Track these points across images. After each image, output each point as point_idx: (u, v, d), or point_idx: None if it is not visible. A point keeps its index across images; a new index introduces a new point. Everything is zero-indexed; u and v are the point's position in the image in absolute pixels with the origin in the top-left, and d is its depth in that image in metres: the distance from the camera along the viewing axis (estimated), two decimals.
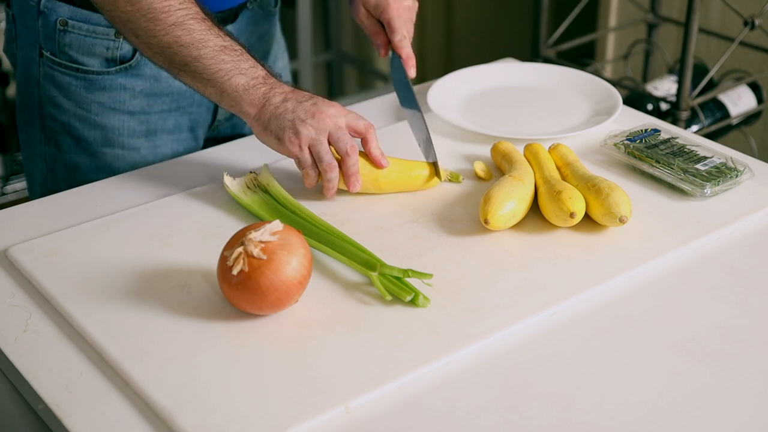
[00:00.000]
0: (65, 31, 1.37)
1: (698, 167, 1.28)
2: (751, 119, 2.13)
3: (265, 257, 1.01)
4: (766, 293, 1.10)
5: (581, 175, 1.24)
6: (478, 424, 0.92)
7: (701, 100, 1.95)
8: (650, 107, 2.02)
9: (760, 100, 2.10)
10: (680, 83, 1.88)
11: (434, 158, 1.29)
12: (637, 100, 2.02)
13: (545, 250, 1.16)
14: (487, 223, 1.17)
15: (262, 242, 1.01)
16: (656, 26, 2.36)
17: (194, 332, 1.02)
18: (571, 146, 1.35)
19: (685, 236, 1.18)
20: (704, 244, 1.18)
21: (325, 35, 3.47)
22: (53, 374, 0.98)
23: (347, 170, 1.22)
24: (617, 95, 1.48)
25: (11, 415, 1.08)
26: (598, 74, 1.94)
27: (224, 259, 1.03)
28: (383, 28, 1.40)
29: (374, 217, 1.23)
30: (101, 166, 1.45)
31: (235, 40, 1.25)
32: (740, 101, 2.07)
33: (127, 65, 1.39)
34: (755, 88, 2.10)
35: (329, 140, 1.21)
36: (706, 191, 1.25)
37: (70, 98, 1.41)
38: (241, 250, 1.01)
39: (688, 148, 1.33)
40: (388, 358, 0.99)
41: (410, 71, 1.39)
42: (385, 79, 3.36)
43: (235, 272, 1.01)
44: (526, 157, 1.30)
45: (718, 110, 2.05)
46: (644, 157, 1.31)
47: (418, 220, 1.22)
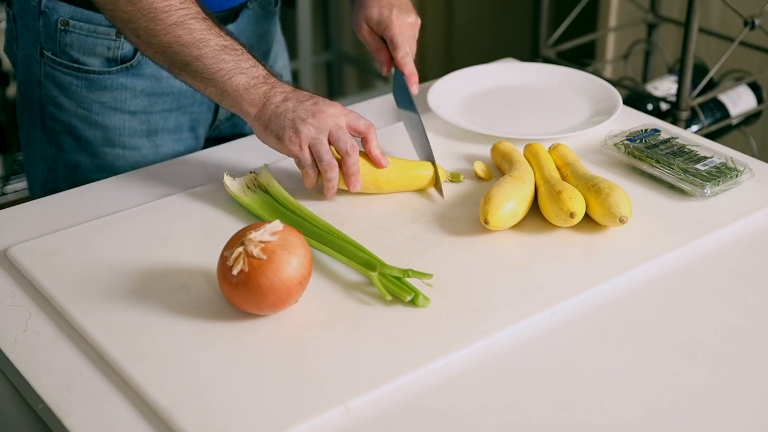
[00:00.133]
0: (66, 30, 1.37)
1: (698, 167, 1.28)
2: (751, 119, 2.13)
3: (265, 257, 1.01)
4: (766, 293, 1.10)
5: (581, 175, 1.24)
6: (478, 424, 0.92)
7: (701, 100, 1.95)
8: (650, 107, 2.02)
9: (760, 100, 2.10)
10: (680, 83, 1.88)
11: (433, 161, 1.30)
12: (637, 100, 2.02)
13: (545, 250, 1.16)
14: (487, 223, 1.17)
15: (262, 242, 1.01)
16: (656, 26, 2.36)
17: (194, 332, 1.02)
18: (571, 146, 1.35)
19: (685, 236, 1.18)
20: (704, 244, 1.18)
21: (325, 35, 3.47)
22: (53, 374, 0.98)
23: (347, 170, 1.22)
24: (617, 95, 1.48)
25: (11, 415, 1.08)
26: (598, 74, 1.94)
27: (224, 259, 1.03)
28: (386, 44, 1.41)
29: (374, 217, 1.23)
30: (102, 165, 1.45)
31: (235, 39, 1.25)
32: (740, 101, 2.07)
33: (128, 65, 1.39)
34: (755, 88, 2.10)
35: (329, 140, 1.21)
36: (706, 191, 1.25)
37: (71, 98, 1.41)
38: (241, 250, 1.01)
39: (688, 148, 1.33)
40: (388, 358, 0.99)
41: (413, 88, 1.40)
42: (385, 79, 3.36)
43: (235, 272, 1.01)
44: (526, 157, 1.30)
45: (718, 110, 2.05)
46: (644, 157, 1.31)
47: (418, 220, 1.22)
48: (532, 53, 2.16)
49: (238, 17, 1.44)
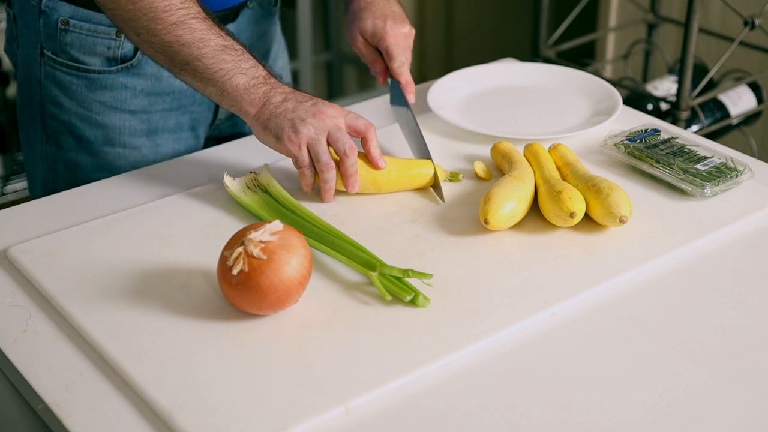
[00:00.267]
0: (66, 30, 1.37)
1: (698, 167, 1.28)
2: (751, 119, 2.13)
3: (265, 257, 1.01)
4: (766, 293, 1.10)
5: (581, 175, 1.24)
6: (478, 424, 0.92)
7: (701, 100, 1.95)
8: (650, 107, 2.02)
9: (760, 100, 2.10)
10: (680, 83, 1.88)
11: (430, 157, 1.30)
12: (637, 100, 2.02)
13: (545, 250, 1.16)
14: (487, 223, 1.17)
15: (262, 242, 1.01)
16: (656, 26, 2.36)
17: (194, 332, 1.02)
18: (571, 146, 1.35)
19: (685, 236, 1.18)
20: (704, 244, 1.18)
21: (325, 35, 3.47)
22: (53, 374, 0.98)
23: (345, 171, 1.22)
24: (617, 95, 1.48)
25: (11, 415, 1.08)
26: (598, 74, 1.94)
27: (224, 259, 1.03)
28: (381, 55, 1.42)
29: (374, 217, 1.23)
30: (102, 165, 1.45)
31: (236, 40, 1.25)
32: (740, 101, 2.07)
33: (128, 64, 1.39)
34: (755, 88, 2.10)
35: (328, 140, 1.21)
36: (706, 191, 1.25)
37: (71, 97, 1.41)
38: (241, 250, 1.01)
39: (688, 148, 1.33)
40: (388, 358, 0.99)
41: (410, 97, 1.40)
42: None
43: (235, 272, 1.01)
44: (526, 157, 1.30)
45: (718, 110, 2.05)
46: (644, 157, 1.31)
47: (418, 220, 1.22)
48: (532, 53, 2.16)
49: (237, 17, 1.44)
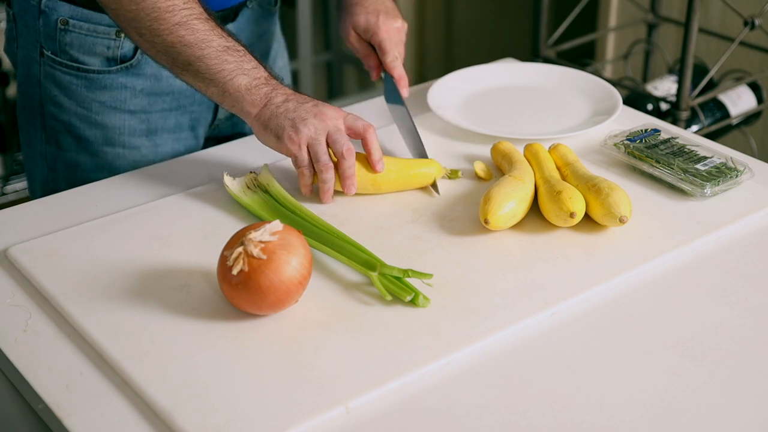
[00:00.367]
0: (66, 30, 1.37)
1: (698, 167, 1.28)
2: (751, 119, 2.13)
3: (265, 257, 1.01)
4: (766, 293, 1.10)
5: (581, 175, 1.24)
6: (478, 424, 0.92)
7: (701, 100, 1.95)
8: (650, 107, 2.02)
9: (760, 100, 2.10)
10: (680, 83, 1.88)
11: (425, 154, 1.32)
12: (637, 100, 2.02)
13: (545, 250, 1.16)
14: (487, 223, 1.17)
15: (262, 242, 1.01)
16: (656, 26, 2.36)
17: (194, 332, 1.02)
18: (571, 146, 1.35)
19: (685, 236, 1.18)
20: (704, 244, 1.18)
21: (325, 35, 3.47)
22: (53, 374, 0.98)
23: (343, 173, 1.22)
24: (617, 95, 1.48)
25: (11, 415, 1.08)
26: (598, 74, 1.94)
27: (224, 259, 1.03)
28: (374, 50, 1.44)
29: (374, 217, 1.23)
30: (102, 165, 1.45)
31: (237, 41, 1.25)
32: (740, 101, 2.07)
33: (128, 64, 1.39)
34: (755, 88, 2.10)
35: (327, 141, 1.21)
36: (706, 191, 1.25)
37: (71, 97, 1.41)
38: (241, 250, 1.01)
39: (688, 148, 1.33)
40: (388, 358, 0.99)
41: (403, 91, 1.42)
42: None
43: (235, 272, 1.01)
44: (526, 157, 1.30)
45: (718, 110, 2.05)
46: (644, 157, 1.31)
47: (418, 220, 1.22)
48: (532, 53, 2.16)
49: (237, 16, 1.45)
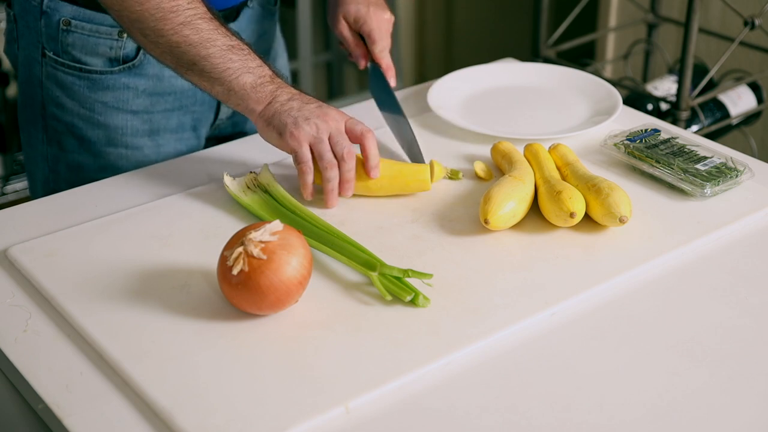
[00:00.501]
0: (68, 30, 1.37)
1: (698, 167, 1.28)
2: (751, 119, 2.14)
3: (265, 257, 1.01)
4: (766, 293, 1.10)
5: (581, 175, 1.24)
6: (478, 424, 0.92)
7: (701, 100, 1.95)
8: (650, 107, 2.02)
9: (760, 100, 2.10)
10: (680, 83, 1.88)
11: (422, 160, 1.32)
12: (637, 100, 2.02)
13: (545, 250, 1.16)
14: (487, 223, 1.17)
15: (262, 242, 1.01)
16: (656, 26, 2.36)
17: (194, 332, 1.02)
18: (571, 146, 1.35)
19: (685, 236, 1.18)
20: (704, 244, 1.18)
21: (325, 35, 3.47)
22: (53, 374, 0.98)
23: (343, 176, 1.22)
24: (617, 95, 1.48)
25: (11, 415, 1.08)
26: (598, 74, 1.94)
27: (224, 259, 1.03)
28: (362, 40, 1.46)
29: (374, 217, 1.23)
30: (105, 165, 1.45)
31: (241, 39, 1.26)
32: (740, 101, 2.07)
33: (130, 64, 1.39)
34: (755, 88, 2.10)
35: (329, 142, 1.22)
36: (706, 191, 1.25)
37: (73, 98, 1.41)
38: (241, 250, 1.01)
39: (688, 148, 1.33)
40: (388, 358, 0.99)
41: (391, 81, 1.44)
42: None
43: (235, 272, 1.01)
44: (526, 157, 1.30)
45: (718, 110, 2.05)
46: (644, 157, 1.31)
47: (418, 220, 1.22)
48: (532, 53, 2.16)
49: (239, 16, 1.45)
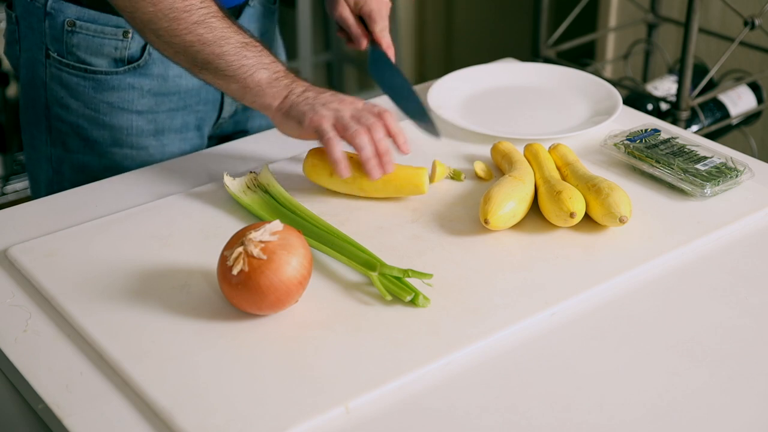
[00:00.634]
0: (73, 31, 1.37)
1: (698, 167, 1.28)
2: (751, 119, 2.14)
3: (265, 257, 1.01)
4: (766, 293, 1.10)
5: (581, 175, 1.24)
6: (478, 424, 0.92)
7: (701, 100, 1.95)
8: (650, 107, 2.02)
9: (760, 100, 2.10)
10: (680, 83, 1.88)
11: (436, 131, 1.34)
12: (637, 100, 2.02)
13: (545, 250, 1.16)
14: (487, 223, 1.17)
15: (262, 242, 1.01)
16: (656, 26, 2.36)
17: (194, 332, 1.02)
18: (571, 146, 1.35)
19: (685, 236, 1.18)
20: (704, 244, 1.18)
21: (325, 35, 3.47)
22: (53, 374, 0.98)
23: (377, 146, 1.20)
24: (617, 95, 1.48)
25: (11, 415, 1.08)
26: (598, 74, 1.94)
27: (224, 259, 1.03)
28: (362, 22, 1.47)
29: (374, 217, 1.23)
30: (110, 166, 1.45)
31: (253, 36, 1.26)
32: (740, 101, 2.08)
33: (135, 65, 1.39)
34: (755, 88, 2.10)
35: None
36: (706, 191, 1.25)
37: (78, 99, 1.41)
38: (241, 250, 1.01)
39: (688, 148, 1.33)
40: (388, 358, 0.99)
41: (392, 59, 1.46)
42: None
43: (235, 272, 1.01)
44: (526, 157, 1.30)
45: (718, 110, 2.05)
46: (644, 157, 1.31)
47: (418, 220, 1.22)
48: (532, 53, 2.16)
49: (241, 14, 1.45)
